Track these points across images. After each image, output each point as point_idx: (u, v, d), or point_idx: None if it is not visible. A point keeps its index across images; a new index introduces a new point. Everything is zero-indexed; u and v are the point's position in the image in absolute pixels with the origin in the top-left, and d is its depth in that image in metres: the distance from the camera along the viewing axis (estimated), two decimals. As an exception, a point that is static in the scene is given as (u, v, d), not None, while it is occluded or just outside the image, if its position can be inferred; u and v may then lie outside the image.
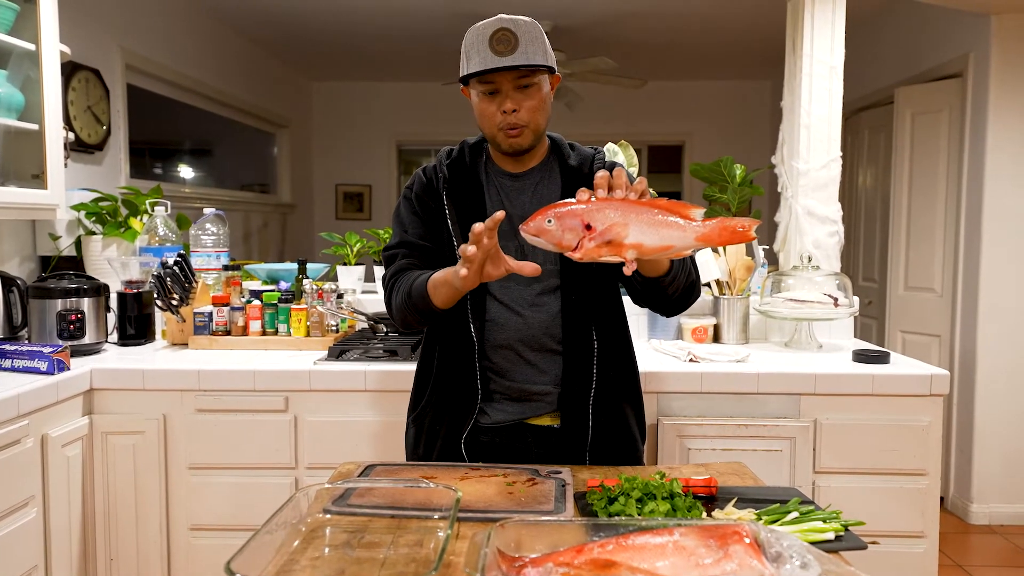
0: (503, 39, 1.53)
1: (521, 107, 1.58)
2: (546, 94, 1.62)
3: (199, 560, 2.37)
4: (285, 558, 1.13)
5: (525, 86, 1.57)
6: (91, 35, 3.72)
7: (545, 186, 1.70)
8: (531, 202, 1.68)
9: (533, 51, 1.54)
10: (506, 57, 1.52)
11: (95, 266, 3.01)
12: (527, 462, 1.67)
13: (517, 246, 1.63)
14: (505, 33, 1.53)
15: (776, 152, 3.11)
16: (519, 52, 1.53)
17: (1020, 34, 3.75)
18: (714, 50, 6.15)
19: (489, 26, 1.55)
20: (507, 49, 1.52)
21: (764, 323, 2.89)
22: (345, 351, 2.50)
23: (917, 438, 2.29)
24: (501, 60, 1.52)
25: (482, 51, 1.54)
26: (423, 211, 1.72)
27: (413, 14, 5.11)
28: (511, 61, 1.52)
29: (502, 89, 1.57)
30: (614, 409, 1.70)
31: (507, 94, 1.57)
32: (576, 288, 1.65)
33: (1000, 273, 3.83)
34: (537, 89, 1.59)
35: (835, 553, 1.18)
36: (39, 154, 2.53)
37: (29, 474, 2.07)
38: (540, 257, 1.61)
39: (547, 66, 1.57)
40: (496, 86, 1.57)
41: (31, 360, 2.23)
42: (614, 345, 1.71)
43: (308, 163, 7.53)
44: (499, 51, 1.53)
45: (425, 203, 1.71)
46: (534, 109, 1.59)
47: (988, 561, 3.47)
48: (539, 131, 1.63)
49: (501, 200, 1.69)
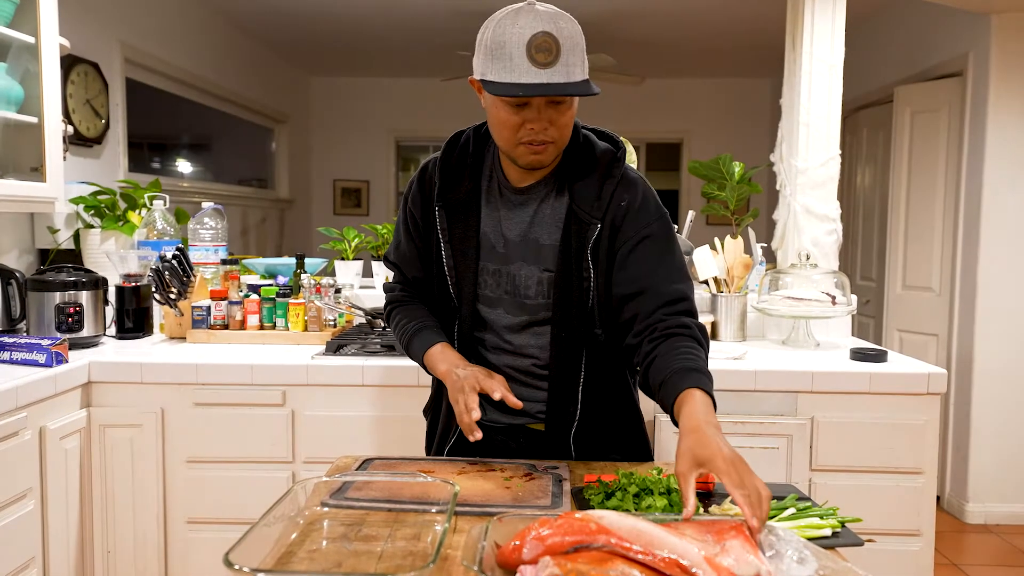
0: (544, 46, 1.32)
1: (550, 126, 1.39)
2: (575, 110, 1.44)
3: (196, 553, 2.37)
4: (283, 550, 1.13)
5: (558, 102, 1.38)
6: (90, 29, 3.72)
7: (550, 207, 1.53)
8: (531, 224, 1.53)
9: (574, 62, 1.34)
10: (547, 70, 1.32)
11: (93, 259, 3.01)
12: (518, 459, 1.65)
13: (508, 274, 1.55)
14: (546, 40, 1.32)
15: (775, 150, 3.11)
16: (559, 64, 1.32)
17: (1020, 33, 3.76)
18: (713, 47, 6.15)
19: (525, 25, 1.32)
20: (547, 59, 1.31)
21: (762, 321, 2.90)
22: (343, 346, 2.50)
23: (914, 437, 2.29)
24: (540, 74, 1.31)
25: (516, 56, 1.32)
26: (414, 226, 1.62)
27: (412, 9, 5.10)
28: (550, 77, 1.32)
29: (533, 103, 1.37)
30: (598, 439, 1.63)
31: (538, 108, 1.37)
32: (568, 328, 1.53)
33: (998, 273, 3.84)
34: (570, 106, 1.40)
35: (832, 549, 1.18)
36: (38, 147, 2.53)
37: (27, 466, 2.07)
38: (532, 290, 1.53)
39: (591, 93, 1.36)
40: (527, 99, 1.37)
41: (29, 353, 2.23)
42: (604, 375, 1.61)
43: (306, 158, 7.52)
44: (538, 60, 1.31)
45: (417, 217, 1.62)
46: (565, 127, 1.41)
47: (983, 560, 3.48)
48: (563, 147, 1.46)
49: (499, 219, 1.55)
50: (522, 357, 1.59)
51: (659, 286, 1.47)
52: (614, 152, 1.54)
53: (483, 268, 1.56)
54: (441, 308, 1.64)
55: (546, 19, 1.33)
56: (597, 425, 1.61)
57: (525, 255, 1.53)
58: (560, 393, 1.57)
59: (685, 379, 1.32)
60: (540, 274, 1.53)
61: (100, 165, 3.77)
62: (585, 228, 1.49)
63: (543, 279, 1.53)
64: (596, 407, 1.60)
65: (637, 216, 1.50)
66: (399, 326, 1.67)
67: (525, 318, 1.56)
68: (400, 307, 1.70)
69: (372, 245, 3.12)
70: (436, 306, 1.65)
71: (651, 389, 1.42)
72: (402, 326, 1.66)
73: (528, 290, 1.54)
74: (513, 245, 1.54)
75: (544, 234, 1.53)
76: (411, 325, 1.64)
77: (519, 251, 1.54)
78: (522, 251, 1.53)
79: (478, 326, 1.61)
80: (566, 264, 1.50)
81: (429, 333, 1.61)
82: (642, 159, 7.61)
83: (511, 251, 1.54)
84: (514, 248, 1.54)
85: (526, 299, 1.54)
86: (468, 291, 1.57)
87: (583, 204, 1.50)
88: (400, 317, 1.68)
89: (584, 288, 1.51)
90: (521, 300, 1.55)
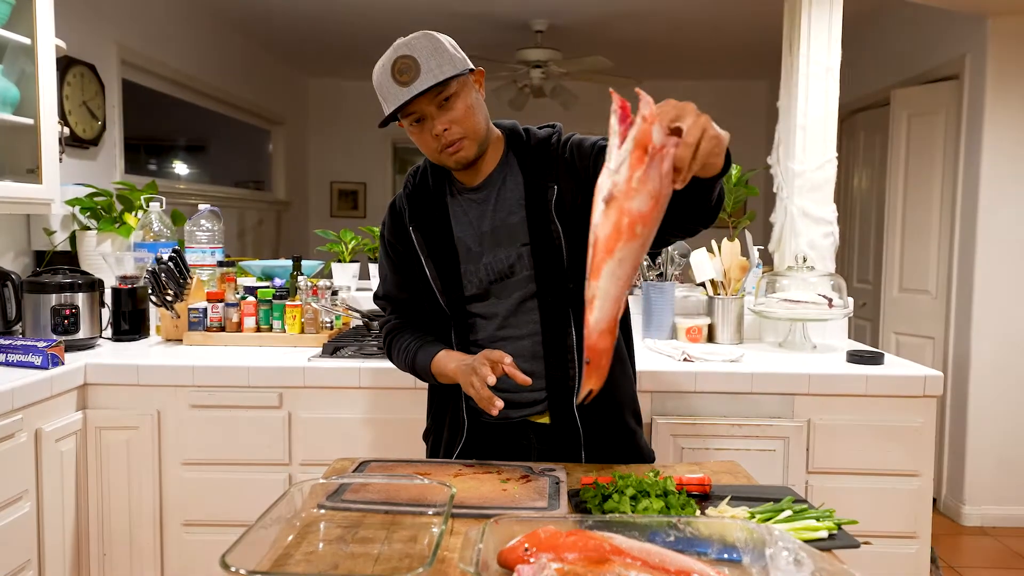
0: (404, 68, 1.48)
1: (450, 124, 1.53)
2: (472, 98, 1.56)
3: (192, 555, 2.36)
4: (279, 552, 1.13)
5: (445, 99, 1.52)
6: (87, 30, 3.71)
7: (508, 189, 1.65)
8: (495, 211, 1.65)
9: (436, 65, 1.49)
10: (412, 85, 1.48)
11: (90, 261, 3.00)
12: (528, 459, 1.67)
13: (488, 265, 1.64)
14: (404, 61, 1.49)
15: (772, 152, 3.11)
16: (423, 72, 1.48)
17: (1016, 36, 3.77)
18: (710, 50, 6.16)
19: (388, 60, 1.51)
20: (411, 77, 1.48)
21: (758, 323, 2.90)
22: (339, 348, 2.50)
23: (910, 439, 2.30)
24: (409, 91, 1.48)
25: (390, 87, 1.50)
26: (395, 255, 1.73)
27: (410, 11, 5.10)
28: (418, 87, 1.47)
29: (426, 114, 1.53)
30: (603, 407, 1.66)
31: (432, 116, 1.53)
32: (552, 292, 1.62)
33: (994, 275, 3.84)
34: (457, 98, 1.53)
35: (828, 551, 1.18)
36: (34, 149, 2.53)
37: (22, 469, 2.06)
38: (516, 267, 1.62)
39: (455, 74, 1.51)
40: (418, 114, 1.53)
41: (25, 355, 2.22)
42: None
43: (303, 160, 7.52)
44: (404, 81, 1.48)
45: (396, 244, 1.72)
46: (463, 119, 1.54)
47: (980, 563, 3.48)
48: (479, 136, 1.58)
49: (470, 220, 1.66)
50: (519, 342, 1.65)
51: None
52: (552, 130, 1.69)
53: (464, 271, 1.66)
54: (435, 319, 1.72)
55: (399, 46, 1.52)
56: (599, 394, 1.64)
57: (500, 240, 1.63)
58: (557, 360, 1.64)
59: None
60: (519, 250, 1.63)
61: (96, 167, 3.76)
62: (544, 192, 1.61)
63: (522, 253, 1.63)
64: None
65: (581, 144, 1.62)
66: (400, 351, 1.75)
67: (517, 295, 1.65)
68: (397, 335, 1.78)
69: (369, 247, 3.12)
70: (430, 319, 1.73)
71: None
72: (403, 350, 1.74)
73: (511, 268, 1.63)
74: (487, 236, 1.64)
75: (510, 214, 1.63)
76: (411, 345, 1.72)
77: (494, 239, 1.63)
78: (497, 238, 1.63)
79: (472, 326, 1.69)
80: (536, 231, 1.61)
81: (429, 346, 1.70)
82: (639, 161, 7.60)
83: (486, 243, 1.64)
84: (488, 239, 1.64)
85: (510, 277, 1.64)
86: (456, 296, 1.66)
87: (535, 176, 1.62)
88: (399, 344, 1.76)
89: (557, 247, 1.60)
90: (507, 281, 1.64)
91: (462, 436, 1.70)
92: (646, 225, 1.10)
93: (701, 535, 1.11)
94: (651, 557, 1.00)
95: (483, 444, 1.70)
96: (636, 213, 1.09)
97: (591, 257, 1.12)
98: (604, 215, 1.10)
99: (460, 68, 1.52)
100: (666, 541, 1.09)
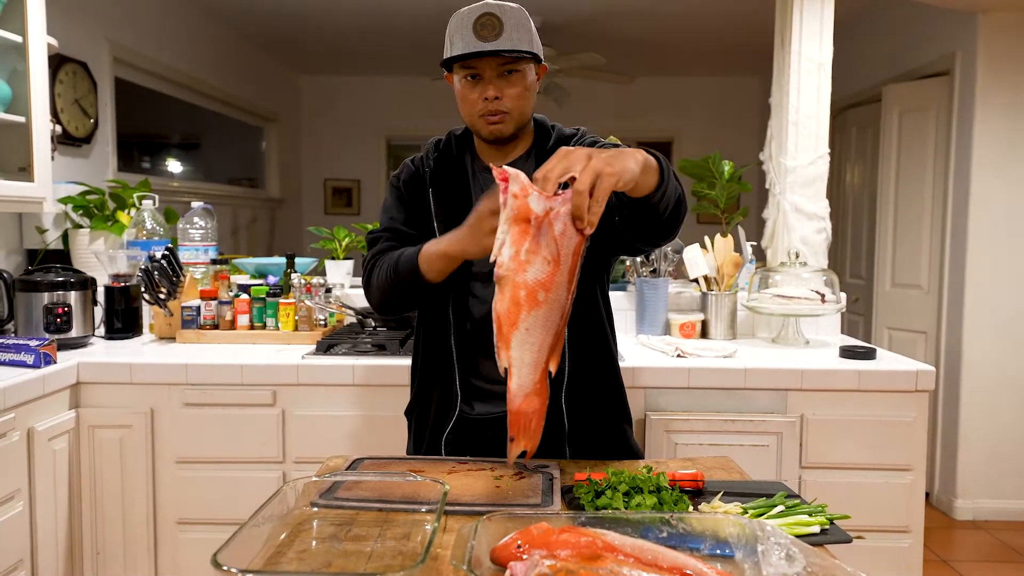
0: (488, 24, 1.50)
1: (504, 94, 1.54)
2: (531, 82, 1.59)
3: (186, 554, 2.36)
4: (272, 551, 1.13)
5: (509, 72, 1.54)
6: (79, 28, 3.70)
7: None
8: None
9: (519, 37, 1.51)
10: (490, 42, 1.49)
11: (82, 259, 2.99)
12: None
13: None
14: (490, 18, 1.50)
15: (764, 148, 3.12)
16: (504, 38, 1.49)
17: (1006, 32, 3.78)
18: (703, 46, 6.17)
19: (474, 10, 1.52)
20: (491, 34, 1.49)
21: (751, 319, 2.91)
22: (333, 345, 2.50)
23: (903, 434, 2.31)
24: (484, 45, 1.49)
25: (465, 36, 1.50)
26: (409, 199, 1.70)
27: (402, 8, 5.09)
28: (495, 46, 1.49)
29: (484, 75, 1.54)
30: (590, 400, 1.68)
31: (490, 80, 1.54)
32: None
33: (986, 270, 3.86)
34: (521, 77, 1.55)
35: (820, 546, 1.18)
36: (26, 147, 2.52)
37: (15, 468, 2.06)
38: None
39: (532, 53, 1.54)
40: (478, 71, 1.54)
41: (17, 353, 2.22)
42: (588, 339, 1.68)
43: (297, 157, 7.50)
44: (483, 36, 1.49)
45: (411, 193, 1.70)
46: (517, 96, 1.56)
47: (972, 556, 3.50)
48: (522, 120, 1.60)
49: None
50: None
51: None
52: (575, 133, 1.71)
53: None
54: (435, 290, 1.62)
55: (492, 5, 1.52)
56: (584, 385, 1.67)
57: None
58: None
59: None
60: None
61: (89, 165, 3.75)
62: None
63: None
64: (581, 365, 1.66)
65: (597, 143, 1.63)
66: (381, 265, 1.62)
67: None
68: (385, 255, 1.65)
69: (363, 245, 3.12)
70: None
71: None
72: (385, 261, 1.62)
73: None
74: None
75: None
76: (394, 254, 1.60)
77: None
78: None
79: (472, 303, 1.66)
80: None
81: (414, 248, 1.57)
82: (633, 158, 7.61)
83: None
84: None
85: None
86: (462, 268, 1.59)
87: None
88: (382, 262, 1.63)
89: None
90: None
91: (454, 412, 1.66)
92: (549, 289, 1.13)
93: (694, 531, 1.11)
94: (644, 554, 1.00)
95: (468, 431, 1.68)
96: (533, 283, 1.12)
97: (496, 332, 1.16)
98: (499, 293, 1.15)
99: (536, 51, 1.56)
100: (659, 537, 1.09)
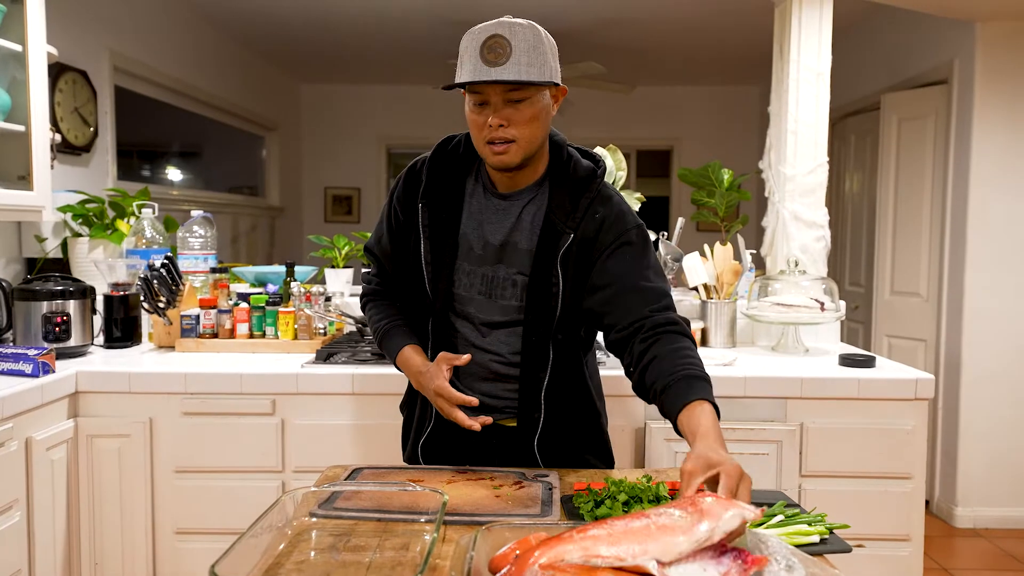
0: (495, 47, 1.40)
1: (510, 121, 1.46)
2: (541, 108, 1.48)
3: (185, 564, 2.35)
4: (271, 561, 1.13)
5: (516, 100, 1.45)
6: (79, 36, 3.71)
7: (530, 213, 1.59)
8: (512, 229, 1.58)
9: (529, 62, 1.42)
10: (497, 67, 1.40)
11: (81, 268, 2.99)
12: (491, 458, 1.67)
13: (484, 275, 1.59)
14: (498, 40, 1.41)
15: (763, 157, 3.12)
16: (511, 62, 1.40)
17: (1004, 41, 3.79)
18: (702, 55, 6.18)
19: (485, 30, 1.43)
20: (499, 58, 1.40)
21: (751, 327, 2.91)
22: (333, 354, 2.50)
23: (902, 442, 2.30)
24: (490, 72, 1.40)
25: (473, 58, 1.42)
26: (396, 220, 1.66)
27: (402, 17, 5.11)
28: (500, 73, 1.40)
29: (491, 101, 1.45)
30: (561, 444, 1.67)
31: (495, 107, 1.45)
32: (538, 332, 1.59)
33: (985, 278, 3.86)
34: (529, 104, 1.46)
35: (820, 556, 1.18)
36: (25, 155, 2.52)
37: (13, 477, 2.05)
38: (508, 291, 1.58)
39: (541, 82, 1.44)
40: (485, 97, 1.45)
41: (16, 363, 2.21)
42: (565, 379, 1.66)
43: (297, 166, 7.51)
44: (489, 60, 1.40)
45: (402, 209, 1.66)
46: (524, 124, 1.47)
47: (973, 564, 3.49)
48: (531, 148, 1.51)
49: (481, 222, 1.60)
50: (492, 355, 1.63)
51: (642, 284, 1.53)
52: (594, 169, 1.61)
53: (459, 267, 1.61)
54: (416, 304, 1.68)
55: (504, 25, 1.43)
56: (560, 430, 1.66)
57: (503, 258, 1.59)
58: (527, 395, 1.62)
59: (691, 389, 1.35)
60: (515, 276, 1.58)
61: (88, 173, 3.75)
62: (558, 236, 1.55)
63: (518, 282, 1.58)
64: (558, 411, 1.65)
65: (614, 226, 1.57)
66: (373, 320, 1.76)
67: (498, 318, 1.61)
68: (375, 301, 1.78)
69: (362, 254, 3.12)
70: (410, 302, 1.70)
71: (648, 392, 1.43)
72: (376, 321, 1.75)
73: (504, 291, 1.59)
74: (492, 248, 1.59)
75: (523, 239, 1.58)
76: (383, 324, 1.72)
77: (498, 254, 1.59)
78: (501, 254, 1.59)
79: (451, 324, 1.65)
80: (539, 269, 1.56)
81: (399, 335, 1.69)
82: (632, 166, 7.63)
83: (489, 254, 1.59)
84: (493, 251, 1.59)
85: (501, 299, 1.60)
86: (443, 288, 1.62)
87: (559, 213, 1.56)
88: (374, 312, 1.77)
89: (553, 293, 1.56)
90: (496, 301, 1.60)
91: (430, 420, 1.69)
92: None
93: (693, 540, 1.11)
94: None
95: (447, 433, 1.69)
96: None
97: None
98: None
99: (546, 78, 1.45)
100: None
